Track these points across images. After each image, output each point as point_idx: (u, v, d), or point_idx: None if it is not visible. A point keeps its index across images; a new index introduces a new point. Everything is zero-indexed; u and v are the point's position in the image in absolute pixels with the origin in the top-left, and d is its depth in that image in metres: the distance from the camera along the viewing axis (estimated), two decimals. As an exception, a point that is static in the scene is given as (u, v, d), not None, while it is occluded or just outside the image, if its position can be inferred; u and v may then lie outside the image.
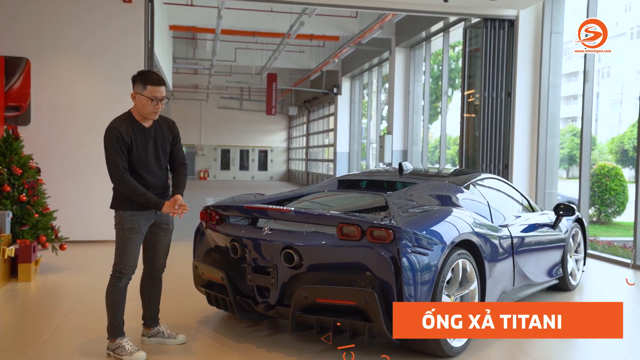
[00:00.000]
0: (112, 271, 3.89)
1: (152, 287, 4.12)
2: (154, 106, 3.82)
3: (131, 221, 3.83)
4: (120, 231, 3.86)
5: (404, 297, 3.60)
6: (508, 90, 9.67)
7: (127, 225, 3.83)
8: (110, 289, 3.87)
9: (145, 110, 3.83)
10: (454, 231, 4.01)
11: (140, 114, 3.86)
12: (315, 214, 4.04)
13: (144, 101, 3.80)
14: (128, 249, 3.84)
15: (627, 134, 21.30)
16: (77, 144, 8.49)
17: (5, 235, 5.95)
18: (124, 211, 3.83)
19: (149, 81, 3.80)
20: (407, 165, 5.35)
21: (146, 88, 3.79)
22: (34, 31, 8.41)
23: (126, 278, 3.88)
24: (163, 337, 4.13)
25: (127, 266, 3.86)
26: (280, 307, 3.97)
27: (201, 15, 14.04)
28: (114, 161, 3.74)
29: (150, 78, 3.81)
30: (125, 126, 3.79)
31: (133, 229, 3.84)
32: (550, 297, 5.75)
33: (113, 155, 3.74)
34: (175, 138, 4.06)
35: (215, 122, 32.02)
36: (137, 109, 3.85)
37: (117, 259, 3.87)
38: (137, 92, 3.81)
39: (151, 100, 3.80)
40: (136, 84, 3.83)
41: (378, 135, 17.29)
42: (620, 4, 23.19)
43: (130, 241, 3.85)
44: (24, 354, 3.92)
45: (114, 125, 3.79)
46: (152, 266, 4.09)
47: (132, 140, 3.79)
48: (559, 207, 5.72)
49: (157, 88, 3.81)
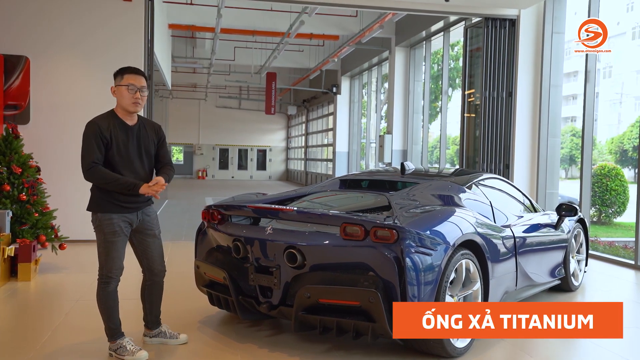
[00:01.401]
0: (98, 276, 3.81)
1: (154, 292, 4.08)
2: (132, 95, 3.75)
3: (110, 224, 3.75)
4: (101, 235, 3.77)
5: (408, 297, 3.58)
6: (509, 90, 9.66)
7: (107, 229, 3.75)
8: (100, 295, 3.80)
9: (125, 102, 3.77)
10: (457, 231, 4.00)
11: (122, 107, 3.81)
12: (318, 214, 4.02)
13: (122, 91, 3.76)
14: (112, 252, 3.76)
15: (627, 134, 21.28)
16: (76, 143, 8.28)
17: (5, 234, 5.92)
18: (101, 214, 3.76)
19: (126, 71, 3.80)
20: (409, 165, 5.33)
21: (123, 77, 3.78)
22: (34, 29, 8.38)
23: (114, 282, 3.81)
24: (165, 337, 4.10)
25: (114, 269, 3.78)
26: (283, 307, 3.95)
27: (201, 14, 14.01)
28: (86, 154, 3.70)
29: (128, 68, 3.82)
30: (106, 122, 3.76)
31: (114, 232, 3.76)
32: (552, 297, 5.74)
33: (87, 148, 3.70)
34: (161, 141, 4.02)
35: (214, 122, 31.98)
36: (118, 102, 3.82)
37: (102, 263, 3.78)
38: (116, 84, 3.80)
39: (128, 87, 3.74)
40: (115, 78, 3.83)
41: (377, 134, 17.27)
42: (622, 3, 23.18)
43: (113, 244, 3.76)
44: (25, 354, 3.90)
45: (94, 120, 3.78)
46: (151, 273, 4.04)
47: (112, 135, 3.74)
48: (561, 208, 5.70)
49: (134, 76, 3.79)
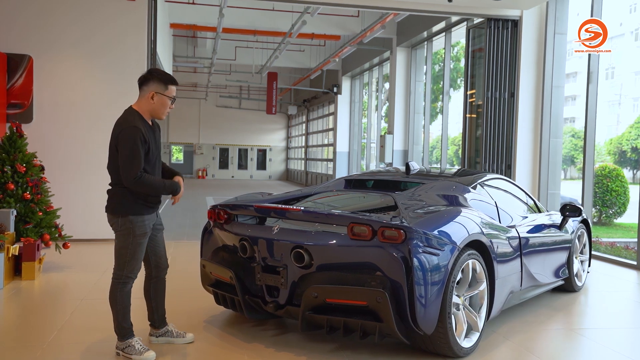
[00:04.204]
0: (116, 276, 3.80)
1: (158, 290, 4.08)
2: (169, 106, 3.82)
3: (143, 226, 3.76)
4: (130, 238, 3.74)
5: (415, 298, 3.59)
6: (511, 91, 9.67)
7: (139, 231, 3.75)
8: (116, 294, 3.80)
9: (162, 110, 3.80)
10: (464, 231, 4.00)
11: (154, 113, 3.81)
12: (325, 214, 4.02)
13: (164, 101, 3.78)
14: (137, 253, 3.79)
15: (626, 135, 21.30)
16: (79, 141, 8.47)
17: (9, 233, 5.92)
18: (133, 216, 3.73)
19: (170, 81, 3.80)
20: (414, 165, 5.34)
21: (167, 88, 3.79)
22: (37, 28, 8.37)
23: (132, 281, 3.85)
24: (171, 336, 4.11)
25: (135, 269, 3.82)
26: (289, 306, 3.96)
27: (202, 14, 14.02)
28: (135, 163, 3.61)
29: (170, 78, 3.81)
30: (141, 125, 3.71)
31: (145, 233, 3.79)
32: (556, 298, 5.75)
33: (135, 156, 3.60)
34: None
35: (214, 121, 31.97)
36: (153, 108, 3.78)
37: (123, 263, 3.77)
38: (158, 91, 3.75)
39: (170, 100, 3.80)
40: (154, 82, 3.76)
41: (378, 134, 17.28)
42: (625, 4, 23.17)
43: (141, 246, 3.80)
44: (32, 353, 3.90)
45: (134, 124, 3.66)
46: (157, 269, 4.04)
47: (150, 140, 3.74)
48: (566, 208, 5.70)
49: (175, 88, 3.85)
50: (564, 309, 5.44)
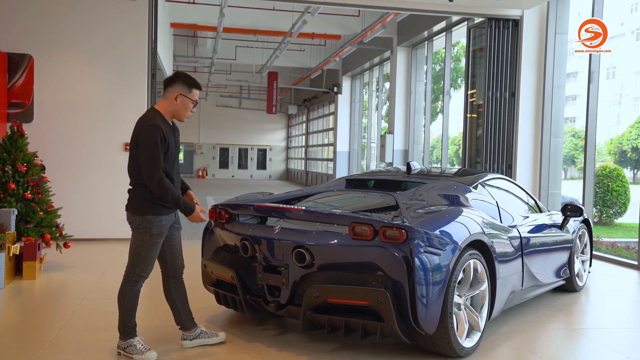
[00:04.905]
0: (128, 274, 3.82)
1: (180, 290, 4.07)
2: (191, 109, 3.88)
3: (160, 226, 3.79)
4: (146, 236, 3.76)
5: (417, 297, 3.58)
6: (512, 90, 9.67)
7: (156, 231, 3.77)
8: (126, 292, 3.81)
9: (184, 112, 3.86)
10: (465, 231, 4.00)
11: (176, 114, 3.86)
12: (326, 213, 4.02)
13: (187, 103, 3.84)
14: (152, 253, 3.81)
15: (626, 135, 21.30)
16: (79, 141, 8.45)
17: (10, 232, 5.92)
18: (152, 216, 3.75)
19: (194, 85, 3.87)
20: (415, 164, 5.33)
21: (191, 91, 3.86)
22: (38, 28, 8.37)
23: (143, 281, 3.86)
24: (206, 337, 4.09)
25: (148, 269, 3.84)
26: (291, 306, 3.96)
27: (203, 13, 14.01)
28: (158, 162, 3.66)
29: (195, 82, 3.88)
30: (164, 125, 3.76)
31: (162, 233, 3.81)
32: (557, 298, 5.75)
33: (156, 156, 3.65)
34: None
35: (214, 121, 31.97)
36: (175, 109, 3.84)
37: (136, 262, 3.80)
38: (183, 93, 3.82)
39: (192, 103, 3.86)
40: (179, 84, 3.82)
41: (378, 134, 17.27)
42: (626, 4, 23.18)
43: (157, 245, 3.82)
44: (33, 352, 3.90)
45: (156, 123, 3.71)
46: (174, 269, 4.03)
47: (170, 140, 3.77)
48: (567, 208, 5.70)
49: (198, 92, 3.91)
50: (565, 309, 5.43)
